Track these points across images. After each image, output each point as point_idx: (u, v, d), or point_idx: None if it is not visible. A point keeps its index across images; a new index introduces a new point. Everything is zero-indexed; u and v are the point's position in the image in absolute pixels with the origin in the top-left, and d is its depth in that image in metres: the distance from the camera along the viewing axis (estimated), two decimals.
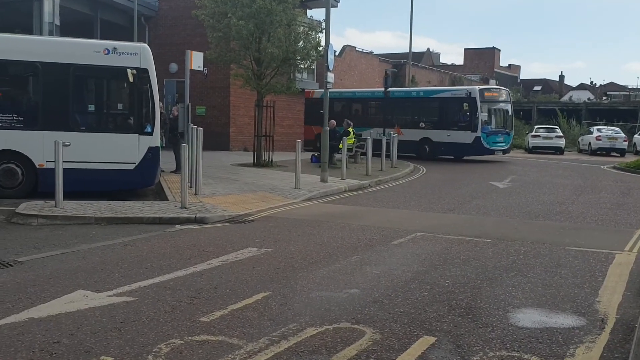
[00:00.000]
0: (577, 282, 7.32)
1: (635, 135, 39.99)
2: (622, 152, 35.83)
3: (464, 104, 27.04)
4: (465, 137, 26.71)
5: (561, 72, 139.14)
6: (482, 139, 26.39)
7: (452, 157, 27.97)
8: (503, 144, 27.70)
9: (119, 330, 5.29)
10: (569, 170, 24.42)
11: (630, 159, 30.87)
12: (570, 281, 7.34)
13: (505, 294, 6.72)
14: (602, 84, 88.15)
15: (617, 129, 39.68)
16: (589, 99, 65.40)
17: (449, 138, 27.24)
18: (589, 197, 15.79)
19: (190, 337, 5.15)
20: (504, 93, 28.98)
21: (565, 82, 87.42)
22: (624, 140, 36.68)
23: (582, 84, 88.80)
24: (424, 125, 28.62)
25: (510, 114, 28.71)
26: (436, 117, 28.64)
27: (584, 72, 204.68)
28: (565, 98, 69.47)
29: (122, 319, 5.58)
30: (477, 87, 28.25)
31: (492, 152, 27.35)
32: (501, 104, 28.40)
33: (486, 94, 27.41)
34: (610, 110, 51.75)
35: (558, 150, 36.37)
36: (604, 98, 68.42)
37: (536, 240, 9.90)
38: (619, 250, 9.23)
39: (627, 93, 73.31)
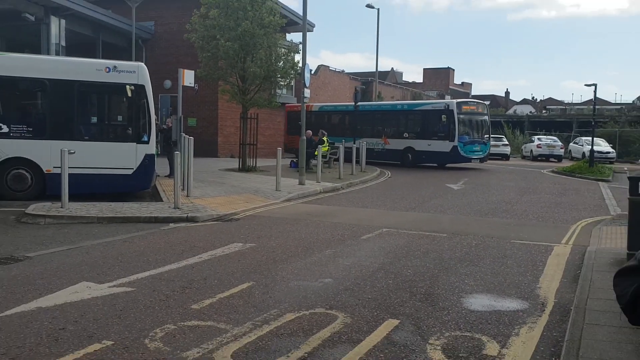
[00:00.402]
0: (521, 270, 7.41)
1: (571, 144, 40.64)
2: (559, 158, 36.39)
3: (442, 116, 25.74)
4: (443, 146, 25.46)
5: (507, 88, 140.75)
6: (459, 148, 25.13)
7: (434, 164, 26.64)
8: (480, 153, 26.35)
9: (119, 317, 5.22)
10: (514, 174, 24.68)
11: (566, 164, 31.35)
12: (515, 270, 7.43)
13: (459, 282, 6.77)
14: (542, 99, 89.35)
15: (555, 138, 40.30)
16: (530, 112, 66.27)
17: (430, 147, 25.99)
18: (531, 197, 15.99)
19: (182, 323, 5.10)
20: (481, 106, 27.75)
21: (510, 98, 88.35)
22: (561, 148, 37.27)
23: (525, 99, 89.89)
24: (407, 136, 27.28)
25: (487, 125, 27.32)
26: (418, 127, 27.33)
27: (526, 89, 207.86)
28: (511, 111, 70.28)
29: (121, 307, 5.52)
30: (455, 100, 26.76)
31: (469, 159, 26.07)
32: (478, 116, 26.98)
33: (463, 107, 26.16)
34: (549, 122, 52.54)
35: (504, 157, 36.73)
36: (544, 111, 69.38)
37: (486, 234, 10.00)
38: (556, 243, 9.37)
39: (564, 107, 74.48)
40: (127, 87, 12.69)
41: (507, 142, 38.37)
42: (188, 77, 17.43)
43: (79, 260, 7.47)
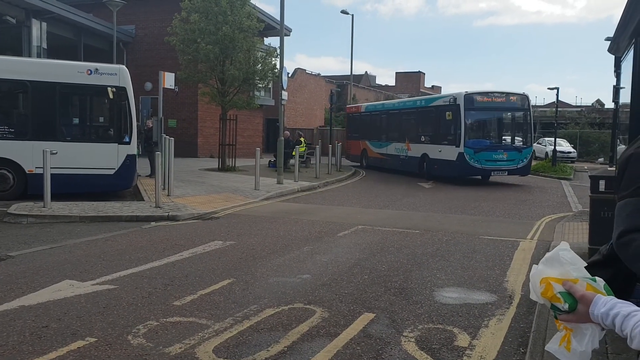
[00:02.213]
0: (489, 265, 7.49)
1: (534, 144, 41.13)
2: None
3: (447, 113, 18.85)
4: (451, 153, 18.58)
5: None
6: (465, 156, 17.99)
7: (449, 176, 19.29)
8: (506, 163, 18.60)
9: (102, 314, 5.13)
10: None
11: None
12: (484, 264, 7.51)
13: (431, 276, 6.82)
14: None
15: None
16: None
17: (440, 154, 19.21)
18: (498, 195, 16.18)
19: (164, 319, 5.04)
20: (513, 97, 19.17)
21: None
22: None
23: None
24: (423, 140, 20.59)
25: (526, 123, 19.55)
26: (431, 129, 20.39)
27: None
28: None
29: (104, 304, 5.42)
30: (464, 92, 18.64)
31: (486, 172, 18.80)
32: (506, 112, 19.52)
33: (478, 99, 18.49)
34: None
35: None
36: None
37: (455, 230, 10.09)
38: (522, 239, 9.49)
39: None
40: (109, 89, 12.50)
41: None
42: (168, 80, 17.21)
43: (61, 258, 7.33)
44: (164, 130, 17.21)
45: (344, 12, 36.81)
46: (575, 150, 37.03)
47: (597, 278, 1.57)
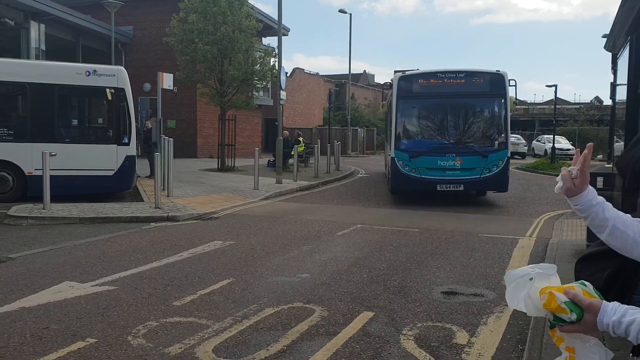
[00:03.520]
0: (488, 263, 7.51)
1: (533, 141, 41.25)
2: (523, 155, 36.86)
3: (383, 103, 14.25)
4: (389, 158, 14.23)
5: None
6: (397, 162, 13.12)
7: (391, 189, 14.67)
8: (459, 173, 12.95)
9: (102, 315, 5.15)
10: None
11: (529, 161, 31.80)
12: (483, 262, 7.52)
13: (430, 274, 6.83)
14: None
15: (519, 136, 40.81)
16: None
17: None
18: (497, 193, 16.14)
19: (164, 319, 5.05)
20: (477, 79, 13.19)
21: None
22: (524, 145, 37.75)
23: None
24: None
25: (495, 116, 13.29)
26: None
27: None
28: None
29: (104, 305, 5.44)
30: (400, 73, 13.70)
31: (428, 185, 13.13)
32: (462, 100, 13.24)
33: (419, 81, 13.25)
34: (513, 121, 52.70)
35: None
36: None
37: (454, 229, 10.10)
38: (521, 236, 9.51)
39: (527, 107, 75.52)
40: (107, 90, 12.50)
41: None
42: (167, 80, 17.24)
43: (61, 260, 7.34)
44: (163, 130, 17.25)
45: (341, 11, 36.86)
46: (574, 147, 37.00)
47: (585, 282, 1.49)
